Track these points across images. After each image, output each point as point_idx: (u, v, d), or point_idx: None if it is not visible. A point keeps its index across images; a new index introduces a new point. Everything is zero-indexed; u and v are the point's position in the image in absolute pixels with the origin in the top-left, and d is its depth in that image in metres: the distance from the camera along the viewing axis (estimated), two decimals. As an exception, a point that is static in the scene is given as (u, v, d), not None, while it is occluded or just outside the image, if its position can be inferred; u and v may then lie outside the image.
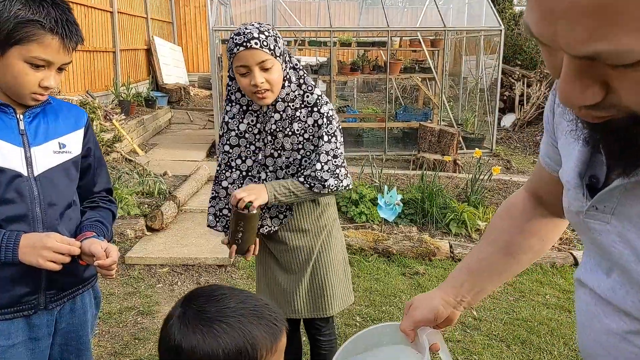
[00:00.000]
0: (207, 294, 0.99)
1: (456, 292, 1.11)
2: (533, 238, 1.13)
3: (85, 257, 1.47)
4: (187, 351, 0.91)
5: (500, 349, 2.98)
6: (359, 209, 4.93)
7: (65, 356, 1.61)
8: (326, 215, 2.09)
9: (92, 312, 1.68)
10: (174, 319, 0.96)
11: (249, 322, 0.94)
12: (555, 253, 4.48)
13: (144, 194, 5.21)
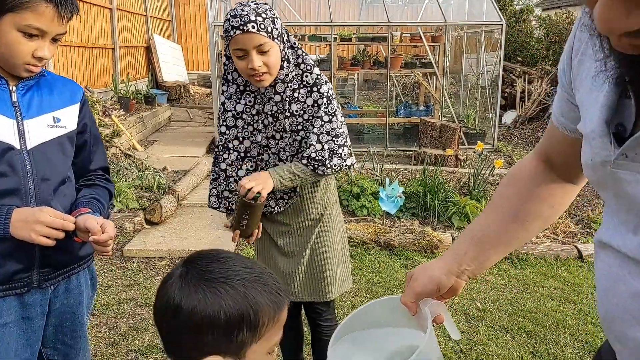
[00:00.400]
0: (212, 256, 0.93)
1: (459, 260, 1.05)
2: (543, 204, 1.07)
3: (81, 233, 1.42)
4: (187, 311, 0.86)
5: (505, 340, 2.93)
6: (360, 203, 4.88)
7: (59, 337, 1.56)
8: (326, 196, 2.05)
9: (87, 293, 1.63)
10: (175, 277, 0.90)
11: (254, 288, 0.89)
12: (560, 246, 4.42)
13: (143, 188, 5.16)
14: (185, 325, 0.86)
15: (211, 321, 0.85)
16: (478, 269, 1.06)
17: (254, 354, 0.89)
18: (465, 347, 2.81)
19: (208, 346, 0.86)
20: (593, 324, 3.17)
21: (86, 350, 1.63)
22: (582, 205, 5.47)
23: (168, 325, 0.88)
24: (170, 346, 0.91)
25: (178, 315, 0.86)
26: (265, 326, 0.89)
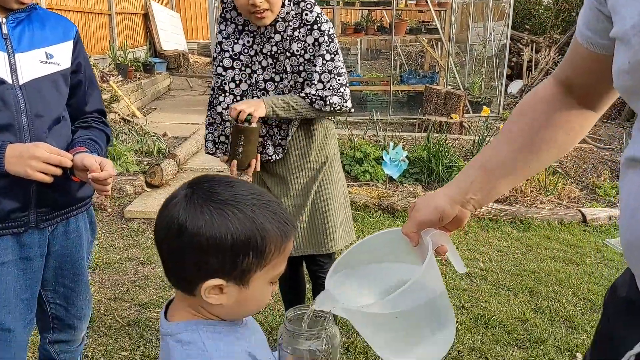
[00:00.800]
0: (219, 179, 0.89)
1: (465, 189, 0.99)
2: (558, 131, 1.01)
3: (78, 172, 1.39)
4: (192, 232, 0.81)
5: (507, 297, 2.92)
6: (363, 168, 4.84)
7: (59, 280, 1.54)
8: (327, 147, 2.00)
9: (87, 237, 1.60)
10: (179, 197, 0.85)
11: (262, 214, 0.85)
12: (564, 210, 4.39)
13: (143, 153, 5.12)
14: (189, 246, 0.82)
15: (217, 243, 0.81)
16: (484, 199, 1.01)
17: (257, 282, 0.86)
18: (467, 304, 2.81)
19: (211, 269, 0.83)
20: (596, 283, 3.16)
21: (87, 293, 1.62)
22: (587, 172, 5.43)
23: (170, 246, 0.84)
24: (172, 268, 0.87)
25: (182, 235, 0.82)
26: (272, 254, 0.86)
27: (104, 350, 2.29)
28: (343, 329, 2.51)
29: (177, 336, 0.86)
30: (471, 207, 1.01)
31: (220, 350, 0.84)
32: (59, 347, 1.62)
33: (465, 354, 2.35)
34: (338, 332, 1.04)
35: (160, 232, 0.86)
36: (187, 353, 0.84)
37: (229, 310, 0.87)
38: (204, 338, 0.84)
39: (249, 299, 0.87)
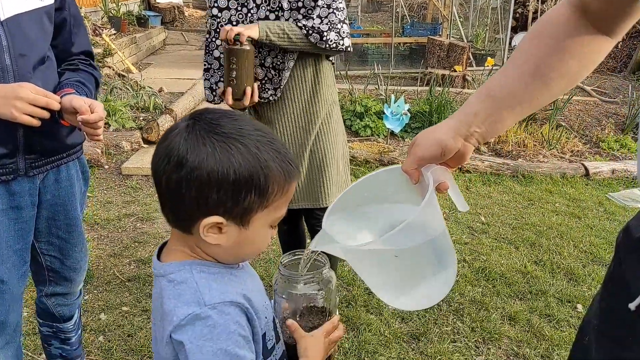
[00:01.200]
0: (222, 112, 0.83)
1: (468, 120, 0.92)
2: (571, 59, 0.93)
3: (67, 116, 1.32)
4: (193, 164, 0.77)
5: (508, 250, 2.91)
6: (363, 123, 4.75)
7: (53, 231, 1.50)
8: (325, 93, 1.91)
9: (80, 187, 1.55)
10: (180, 128, 0.80)
11: (266, 152, 0.80)
12: (567, 164, 4.34)
13: (139, 109, 5.02)
14: (188, 179, 0.77)
15: (218, 178, 0.77)
16: (489, 132, 0.93)
17: (258, 223, 0.82)
18: (468, 257, 2.80)
19: (211, 205, 0.79)
20: (597, 236, 3.14)
21: (82, 245, 1.58)
22: (591, 125, 5.34)
23: (168, 179, 0.79)
24: (169, 203, 0.82)
25: (182, 167, 0.77)
26: (274, 194, 0.81)
27: (104, 306, 2.29)
28: (344, 282, 2.50)
29: (169, 276, 0.83)
30: (474, 140, 0.94)
31: (213, 289, 0.81)
32: (56, 300, 1.60)
33: (466, 306, 2.35)
34: (334, 276, 1.01)
35: (159, 163, 0.80)
36: (178, 292, 0.81)
37: (226, 251, 0.84)
38: (196, 277, 0.81)
39: (248, 240, 0.83)
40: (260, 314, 0.87)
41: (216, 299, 0.79)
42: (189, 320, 0.77)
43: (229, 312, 0.79)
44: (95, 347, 2.03)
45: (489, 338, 2.14)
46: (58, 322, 1.64)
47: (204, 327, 0.77)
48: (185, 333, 0.77)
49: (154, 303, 0.87)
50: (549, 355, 2.04)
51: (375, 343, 2.07)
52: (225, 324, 0.78)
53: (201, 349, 0.76)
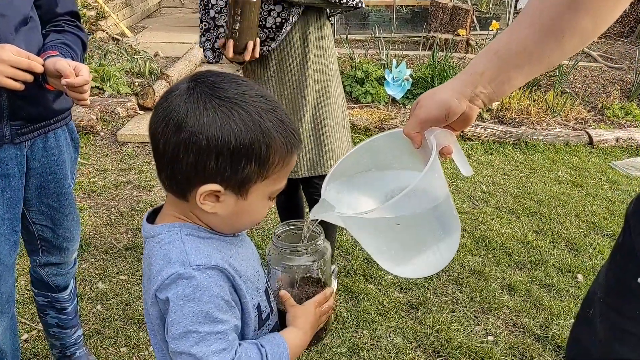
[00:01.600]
0: (224, 75, 0.79)
1: (474, 81, 0.86)
2: (585, 17, 0.87)
3: (52, 80, 1.26)
4: (192, 128, 0.74)
5: (509, 220, 2.88)
6: (364, 89, 4.65)
7: (44, 200, 1.46)
8: (325, 53, 1.84)
9: (69, 154, 1.50)
10: (181, 90, 0.77)
11: (269, 120, 0.77)
12: (570, 132, 4.28)
13: (134, 74, 4.91)
14: (187, 144, 0.74)
15: (218, 145, 0.74)
16: (495, 94, 0.88)
17: (256, 194, 0.80)
18: (468, 227, 2.77)
19: (210, 172, 0.76)
20: (599, 205, 3.11)
21: (74, 214, 1.55)
22: (596, 92, 5.24)
23: (166, 142, 0.76)
24: (166, 167, 0.78)
25: (181, 131, 0.74)
26: (275, 165, 0.79)
27: (102, 274, 2.27)
28: (342, 252, 2.48)
29: (158, 237, 0.82)
30: (480, 102, 0.89)
31: (200, 252, 0.79)
32: (50, 270, 1.58)
33: (466, 276, 2.33)
34: (329, 247, 1.00)
35: (157, 126, 0.77)
36: (164, 252, 0.79)
37: (222, 220, 0.82)
38: (184, 239, 0.80)
39: (245, 211, 0.81)
40: (250, 283, 0.85)
41: (201, 260, 0.78)
42: (173, 279, 0.76)
43: (213, 274, 0.78)
44: (93, 315, 2.02)
45: (488, 308, 2.13)
46: (53, 292, 1.62)
47: (187, 287, 0.76)
48: (169, 292, 0.76)
49: (144, 266, 0.85)
50: (548, 325, 2.04)
51: (373, 312, 2.07)
52: (208, 286, 0.76)
53: (182, 309, 0.75)
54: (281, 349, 0.83)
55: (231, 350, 0.77)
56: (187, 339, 0.75)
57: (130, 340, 1.89)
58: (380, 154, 0.97)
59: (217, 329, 0.76)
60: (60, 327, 1.68)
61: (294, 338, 0.88)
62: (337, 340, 1.91)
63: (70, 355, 1.72)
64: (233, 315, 0.79)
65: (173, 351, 0.77)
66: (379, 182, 1.00)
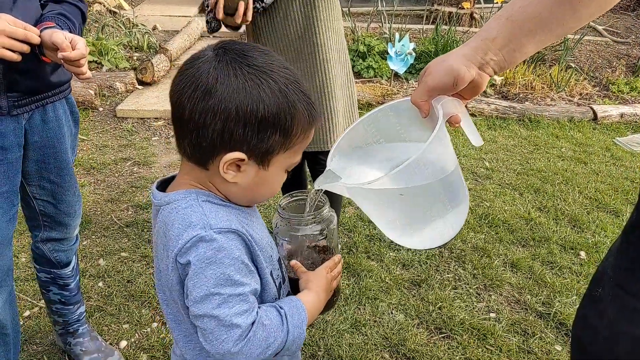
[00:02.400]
0: (250, 44, 0.79)
1: (485, 47, 0.84)
2: None
3: (49, 52, 1.23)
4: (222, 95, 0.73)
5: (512, 197, 2.86)
6: (366, 63, 4.58)
7: (44, 175, 1.45)
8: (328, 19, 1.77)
9: (69, 128, 1.48)
10: (209, 56, 0.76)
11: (294, 92, 0.77)
12: (575, 107, 4.22)
13: (132, 48, 4.83)
14: (215, 111, 0.73)
15: (247, 112, 0.74)
16: (506, 61, 0.85)
17: (276, 165, 0.80)
18: (471, 203, 2.75)
19: (235, 140, 0.76)
20: (603, 182, 3.09)
21: (75, 189, 1.54)
22: (601, 67, 5.17)
23: (193, 108, 0.74)
24: (190, 133, 0.77)
25: (210, 97, 0.73)
26: (297, 137, 0.79)
27: (103, 252, 2.26)
28: (345, 229, 2.47)
29: (174, 203, 0.81)
30: (490, 70, 0.86)
31: (220, 215, 0.79)
32: (52, 246, 1.58)
33: (468, 253, 2.33)
34: (335, 215, 0.99)
35: (184, 90, 0.75)
36: (182, 216, 0.78)
37: (241, 191, 0.82)
38: (202, 204, 0.79)
39: (265, 182, 0.81)
40: (265, 252, 0.86)
41: (222, 224, 0.77)
42: (194, 242, 0.75)
43: (233, 238, 0.78)
44: (95, 292, 2.02)
45: (490, 285, 2.13)
46: (56, 268, 1.61)
47: (209, 250, 0.75)
48: (190, 255, 0.75)
49: (156, 236, 0.84)
50: (550, 302, 2.04)
51: (375, 289, 2.07)
52: (229, 248, 0.76)
53: (204, 272, 0.75)
54: (299, 310, 0.84)
55: (252, 312, 0.78)
56: (209, 302, 0.75)
57: (132, 317, 1.89)
58: (387, 124, 0.95)
59: (238, 291, 0.76)
60: (63, 304, 1.68)
61: (310, 301, 0.88)
62: (339, 317, 1.91)
63: (73, 331, 1.72)
64: (253, 278, 0.80)
65: (194, 314, 0.77)
66: (387, 154, 0.98)
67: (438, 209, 0.91)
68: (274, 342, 0.79)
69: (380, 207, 0.91)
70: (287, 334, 0.80)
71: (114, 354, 1.68)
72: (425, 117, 0.88)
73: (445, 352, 1.77)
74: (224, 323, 0.75)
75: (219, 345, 0.75)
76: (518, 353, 1.78)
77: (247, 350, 0.76)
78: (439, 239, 0.95)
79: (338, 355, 1.74)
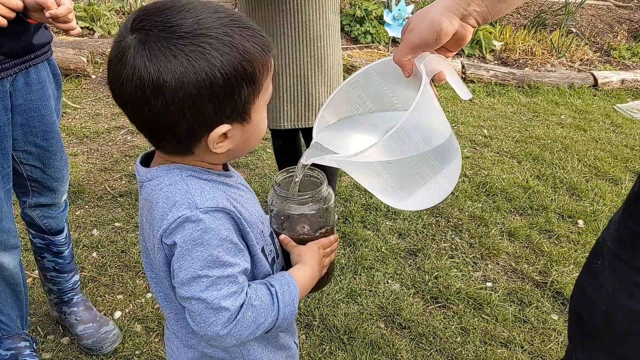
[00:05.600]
0: (164, 7, 0.69)
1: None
2: None
3: (34, 14, 1.20)
4: (173, 84, 0.66)
5: (510, 165, 2.83)
6: (363, 28, 4.47)
7: (30, 139, 1.42)
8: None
9: (52, 90, 1.45)
10: (134, 46, 0.67)
11: (237, 35, 0.69)
12: (575, 73, 4.15)
13: (125, 13, 4.70)
14: (176, 102, 0.67)
15: (207, 86, 0.67)
16: (490, 13, 0.82)
17: (256, 111, 0.75)
18: (469, 172, 2.73)
19: (210, 118, 0.70)
20: (602, 150, 3.06)
21: (62, 153, 1.52)
22: (602, 32, 5.06)
23: (153, 109, 0.68)
24: (163, 133, 0.72)
25: (163, 92, 0.66)
26: (262, 76, 0.73)
27: (96, 222, 2.24)
28: (341, 198, 2.45)
29: (157, 179, 0.76)
30: (473, 21, 0.82)
31: (205, 192, 0.74)
32: (41, 212, 1.56)
33: (465, 222, 2.31)
34: (332, 193, 0.95)
35: (133, 95, 0.68)
36: (166, 195, 0.74)
37: (233, 153, 0.78)
38: (186, 180, 0.75)
39: (253, 132, 0.77)
40: (255, 227, 0.82)
41: (208, 202, 0.73)
42: (179, 222, 0.71)
43: (220, 217, 0.73)
44: (89, 263, 2.00)
45: (487, 254, 2.12)
46: (48, 235, 1.60)
47: (195, 231, 0.71)
48: (175, 236, 0.71)
49: (141, 212, 0.80)
50: (547, 271, 2.03)
51: (371, 259, 2.06)
52: (217, 228, 0.72)
53: (190, 253, 0.71)
54: (291, 287, 0.81)
55: (242, 293, 0.74)
56: (196, 284, 0.72)
57: (126, 287, 1.88)
58: (372, 86, 0.91)
59: (227, 272, 0.73)
60: (57, 271, 1.67)
61: (303, 275, 0.85)
62: (334, 286, 1.90)
63: (68, 300, 1.71)
64: (242, 258, 0.76)
65: (181, 296, 0.74)
66: (377, 122, 0.94)
67: (428, 173, 0.87)
68: (264, 322, 0.77)
69: (370, 177, 0.88)
70: (277, 313, 0.78)
71: (108, 324, 1.68)
72: (408, 76, 0.84)
73: (441, 322, 1.77)
74: (212, 306, 0.72)
75: (207, 328, 0.73)
76: (514, 322, 1.78)
77: (237, 332, 0.74)
78: (432, 200, 0.92)
79: (333, 325, 1.74)
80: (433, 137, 0.84)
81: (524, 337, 1.72)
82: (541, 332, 1.75)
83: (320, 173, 0.93)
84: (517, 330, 1.75)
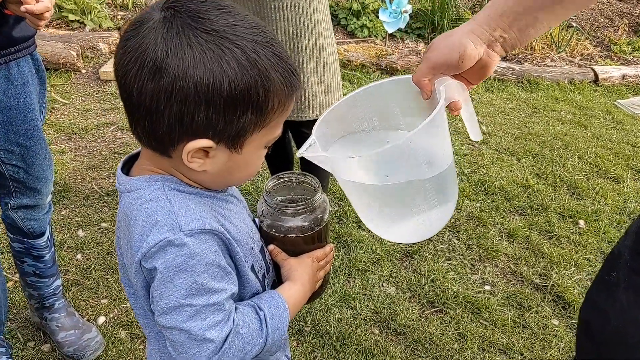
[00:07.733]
0: (205, 1, 0.62)
1: (493, 23, 0.74)
2: None
3: (12, 5, 1.15)
4: (175, 72, 0.59)
5: (510, 162, 2.77)
6: (360, 22, 4.39)
7: (12, 138, 1.36)
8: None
9: (35, 87, 1.38)
10: (155, 21, 0.60)
11: (266, 57, 0.62)
12: (575, 69, 4.08)
13: (117, 7, 4.60)
14: (169, 91, 0.60)
15: (209, 91, 0.60)
16: (517, 39, 0.76)
17: (251, 145, 0.67)
18: (467, 170, 2.66)
19: (197, 125, 0.62)
20: (603, 147, 2.99)
21: (46, 152, 1.45)
22: (603, 26, 4.98)
23: (142, 90, 0.60)
24: (142, 120, 0.64)
25: (160, 76, 0.59)
26: (274, 111, 0.65)
27: (82, 222, 2.17)
28: (335, 197, 2.38)
29: (137, 192, 0.68)
30: (500, 49, 0.77)
31: (190, 211, 0.66)
32: (23, 214, 1.50)
33: (463, 222, 2.25)
34: (327, 201, 0.87)
35: (128, 69, 0.61)
36: (147, 212, 0.66)
37: (212, 178, 0.70)
38: (169, 195, 0.68)
39: (239, 165, 0.69)
40: (245, 245, 0.75)
41: (194, 224, 0.65)
42: (161, 246, 0.64)
43: (207, 240, 0.66)
44: (73, 265, 1.93)
45: (485, 255, 2.06)
46: (29, 238, 1.54)
47: (178, 256, 0.64)
48: (156, 261, 0.64)
49: (119, 225, 0.72)
50: (547, 274, 1.97)
51: (366, 261, 1.99)
52: (202, 253, 0.65)
53: (172, 281, 0.64)
54: (280, 310, 0.74)
55: (228, 321, 0.68)
56: (178, 314, 0.65)
57: (111, 291, 1.81)
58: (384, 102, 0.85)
59: (212, 300, 0.66)
60: (38, 276, 1.60)
61: (293, 294, 0.78)
62: (327, 290, 1.84)
63: (49, 306, 1.65)
64: (230, 282, 0.69)
65: (162, 325, 0.67)
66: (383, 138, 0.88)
67: (422, 204, 0.81)
68: (252, 349, 0.70)
69: (362, 193, 0.82)
70: (266, 339, 0.72)
71: (91, 331, 1.61)
72: (426, 99, 0.78)
73: (438, 327, 1.71)
74: (195, 337, 0.65)
75: (190, 359, 0.66)
76: (513, 328, 1.72)
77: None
78: (421, 234, 0.87)
79: (326, 331, 1.68)
80: (435, 164, 0.78)
81: (524, 344, 1.66)
82: (541, 338, 1.69)
83: (314, 179, 0.86)
84: (517, 336, 1.69)
